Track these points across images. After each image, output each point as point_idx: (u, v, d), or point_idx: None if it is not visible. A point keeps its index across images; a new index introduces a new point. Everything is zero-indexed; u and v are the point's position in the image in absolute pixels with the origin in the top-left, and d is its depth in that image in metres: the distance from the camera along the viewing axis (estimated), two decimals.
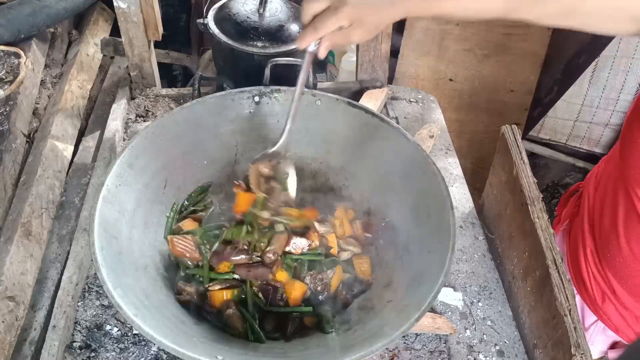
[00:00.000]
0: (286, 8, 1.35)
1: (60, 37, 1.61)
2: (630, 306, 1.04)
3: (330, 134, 1.13)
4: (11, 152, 1.20)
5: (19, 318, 0.96)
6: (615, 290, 1.05)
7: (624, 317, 1.06)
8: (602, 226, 1.04)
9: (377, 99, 1.39)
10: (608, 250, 1.03)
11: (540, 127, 2.44)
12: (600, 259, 1.06)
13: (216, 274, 0.96)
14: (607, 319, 1.10)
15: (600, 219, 1.05)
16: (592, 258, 1.07)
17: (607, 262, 1.04)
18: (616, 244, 1.00)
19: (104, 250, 0.84)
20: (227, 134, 1.13)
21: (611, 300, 1.07)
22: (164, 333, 0.77)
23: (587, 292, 1.10)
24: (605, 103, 2.26)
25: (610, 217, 1.01)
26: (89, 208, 1.14)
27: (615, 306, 1.07)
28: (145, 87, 1.43)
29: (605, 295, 1.07)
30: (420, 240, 0.96)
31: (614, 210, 1.00)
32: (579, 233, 1.11)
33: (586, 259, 1.09)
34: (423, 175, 1.00)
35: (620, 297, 1.05)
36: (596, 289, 1.08)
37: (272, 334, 0.92)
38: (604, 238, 1.04)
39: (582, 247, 1.10)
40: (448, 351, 0.99)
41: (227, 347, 0.87)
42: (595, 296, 1.09)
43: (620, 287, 1.04)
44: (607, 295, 1.07)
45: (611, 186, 1.02)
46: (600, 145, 2.42)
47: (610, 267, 1.04)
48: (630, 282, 1.02)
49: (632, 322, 1.06)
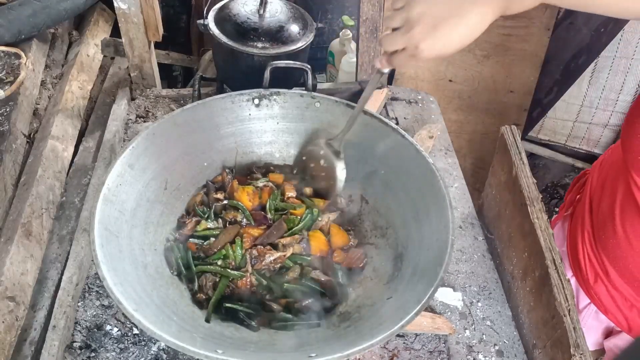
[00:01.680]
0: (286, 9, 1.35)
1: (61, 38, 1.61)
2: (621, 287, 1.06)
3: (329, 135, 1.13)
4: (11, 153, 1.20)
5: (19, 318, 0.97)
6: (608, 271, 1.07)
7: (614, 298, 1.08)
8: (600, 209, 1.07)
9: (376, 100, 1.39)
10: (604, 232, 1.05)
11: (539, 128, 2.44)
12: (595, 241, 1.08)
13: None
14: (598, 299, 1.11)
15: (599, 203, 1.07)
16: (589, 240, 1.10)
17: (601, 244, 1.06)
18: (611, 226, 1.02)
19: (104, 248, 0.85)
20: (227, 136, 1.14)
21: (603, 281, 1.09)
22: (164, 328, 0.78)
23: (581, 273, 1.12)
24: (605, 104, 2.26)
25: (609, 201, 1.03)
26: (89, 208, 1.15)
27: (606, 287, 1.09)
28: (145, 88, 1.43)
29: (598, 276, 1.09)
30: (420, 239, 0.97)
31: (612, 195, 1.02)
32: (579, 216, 1.14)
33: (583, 240, 1.11)
34: (422, 176, 1.00)
35: (612, 278, 1.07)
36: (590, 269, 1.11)
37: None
38: (601, 220, 1.06)
39: (581, 229, 1.12)
40: (447, 351, 0.99)
41: (227, 343, 0.87)
42: (589, 276, 1.11)
43: (612, 268, 1.06)
44: (600, 276, 1.09)
45: (613, 172, 1.05)
46: (600, 146, 2.42)
47: (604, 249, 1.06)
48: (621, 263, 1.04)
49: (621, 304, 1.08)
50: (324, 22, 1.48)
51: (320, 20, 1.43)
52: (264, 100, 1.13)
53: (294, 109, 1.15)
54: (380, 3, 1.32)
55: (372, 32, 1.37)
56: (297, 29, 1.34)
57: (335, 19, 1.95)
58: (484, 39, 2.02)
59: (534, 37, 2.02)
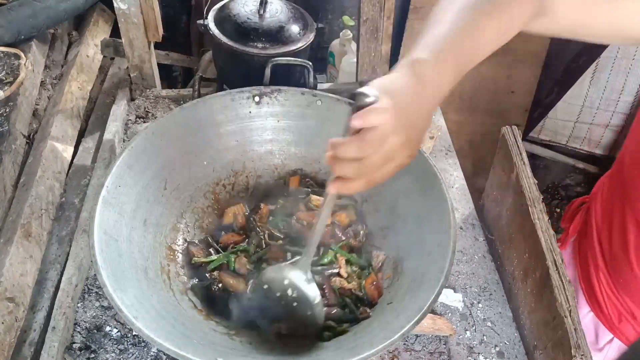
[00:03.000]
0: (286, 9, 1.35)
1: (60, 38, 1.61)
2: None
3: (330, 134, 1.12)
4: (11, 153, 1.20)
5: (18, 319, 0.96)
6: (634, 313, 1.02)
7: None
8: (612, 251, 1.01)
9: None
10: (621, 275, 1.00)
11: (540, 128, 2.44)
12: (614, 283, 1.03)
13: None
14: (625, 338, 1.07)
15: (610, 242, 1.02)
16: (605, 280, 1.05)
17: (621, 287, 1.02)
18: (629, 270, 0.97)
19: (104, 253, 0.84)
20: (227, 134, 1.13)
21: (629, 321, 1.04)
22: (164, 336, 0.77)
23: (602, 312, 1.07)
24: (606, 104, 2.26)
25: (620, 242, 0.98)
26: (88, 209, 1.14)
27: (633, 326, 1.04)
28: (145, 88, 1.42)
29: (622, 315, 1.05)
30: (421, 243, 0.96)
31: (623, 235, 0.97)
32: (589, 252, 1.08)
33: (599, 280, 1.06)
34: (423, 177, 0.99)
35: (638, 319, 1.02)
36: (612, 309, 1.06)
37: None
38: (615, 264, 1.01)
39: (594, 267, 1.07)
40: (448, 352, 0.99)
41: (228, 350, 0.86)
42: (612, 316, 1.06)
43: (638, 310, 1.01)
44: (624, 316, 1.04)
45: (618, 208, 0.99)
46: (601, 147, 2.42)
47: (625, 292, 1.02)
48: None
49: None
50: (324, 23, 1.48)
51: (320, 20, 1.43)
52: (265, 97, 1.12)
53: (295, 107, 1.14)
54: (380, 3, 1.32)
55: (372, 33, 1.36)
56: (297, 29, 1.34)
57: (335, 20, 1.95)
58: None
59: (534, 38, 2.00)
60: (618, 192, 0.99)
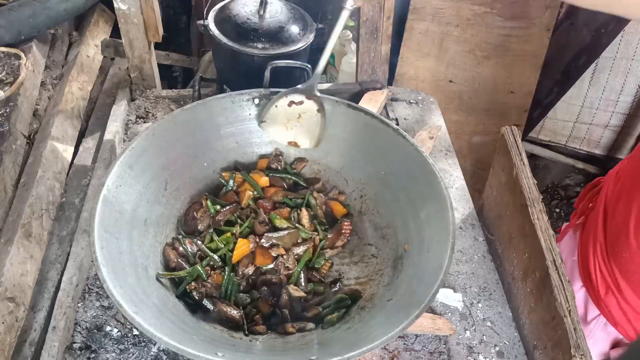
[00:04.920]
0: (286, 10, 1.35)
1: (61, 39, 1.61)
2: (632, 301, 1.05)
3: (330, 135, 1.13)
4: (11, 154, 1.20)
5: (19, 319, 0.96)
6: (620, 284, 1.06)
7: (625, 311, 1.07)
8: (614, 221, 1.06)
9: (377, 101, 1.39)
10: (617, 245, 1.04)
11: (540, 129, 2.44)
12: (608, 253, 1.07)
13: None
14: (607, 311, 1.10)
15: (614, 214, 1.06)
16: (601, 251, 1.09)
17: (614, 257, 1.05)
18: (625, 239, 1.01)
19: (104, 250, 0.85)
20: (227, 136, 1.14)
21: (614, 293, 1.08)
22: (164, 331, 0.77)
23: (592, 284, 1.11)
24: (605, 104, 2.26)
25: (624, 213, 1.03)
26: (89, 209, 1.14)
27: (617, 299, 1.08)
28: (145, 89, 1.43)
29: (609, 288, 1.08)
30: (420, 241, 0.97)
31: (628, 207, 1.02)
32: (592, 227, 1.13)
33: (595, 251, 1.10)
34: (423, 177, 1.00)
35: (623, 291, 1.06)
36: (601, 281, 1.09)
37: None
38: (614, 233, 1.05)
39: (593, 240, 1.11)
40: (448, 352, 0.99)
41: (228, 345, 0.87)
42: (599, 288, 1.10)
43: (624, 281, 1.05)
44: (611, 288, 1.08)
45: (629, 183, 1.04)
46: (600, 147, 2.42)
47: (616, 262, 1.05)
48: (634, 277, 1.03)
49: (632, 318, 1.07)
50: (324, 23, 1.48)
51: (320, 20, 1.43)
52: (264, 100, 1.13)
53: None
54: (380, 4, 1.32)
55: (372, 33, 1.37)
56: (297, 29, 1.34)
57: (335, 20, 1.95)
58: (484, 39, 2.03)
59: (534, 38, 2.02)
60: (633, 170, 1.03)
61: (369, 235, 1.09)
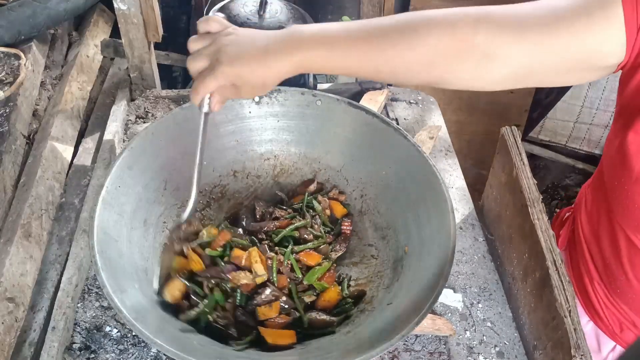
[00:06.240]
0: (286, 10, 1.35)
1: (61, 39, 1.61)
2: None
3: (329, 134, 1.13)
4: (11, 154, 1.20)
5: (18, 319, 0.96)
6: (635, 322, 1.00)
7: None
8: (604, 260, 0.99)
9: (377, 101, 1.39)
10: (617, 285, 0.99)
11: (540, 129, 2.44)
12: (610, 292, 1.02)
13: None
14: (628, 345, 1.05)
15: (600, 252, 1.00)
16: (601, 289, 1.03)
17: (618, 296, 1.00)
18: (625, 280, 0.96)
19: (104, 254, 0.84)
20: (227, 134, 1.13)
21: (631, 330, 1.02)
22: (164, 337, 0.77)
23: (602, 322, 1.06)
24: (605, 104, 2.26)
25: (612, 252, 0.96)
26: (88, 209, 1.14)
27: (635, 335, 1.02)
28: (145, 89, 1.43)
29: (624, 325, 1.03)
30: (420, 243, 0.96)
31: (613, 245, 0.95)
32: (581, 262, 1.07)
33: (594, 289, 1.04)
34: (423, 177, 1.00)
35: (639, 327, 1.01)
36: (612, 319, 1.04)
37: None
38: (609, 273, 0.99)
39: (588, 278, 1.05)
40: (448, 352, 0.99)
41: (229, 352, 0.86)
42: (612, 326, 1.04)
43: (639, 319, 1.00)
44: (626, 325, 1.03)
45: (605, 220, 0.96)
46: (600, 147, 2.42)
47: (623, 301, 1.00)
48: None
49: None
50: None
51: (320, 20, 1.43)
52: (265, 97, 1.12)
53: (295, 107, 1.14)
54: (380, 3, 1.32)
55: None
56: None
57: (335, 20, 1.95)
58: None
59: None
60: (602, 204, 0.97)
61: (369, 236, 1.09)
